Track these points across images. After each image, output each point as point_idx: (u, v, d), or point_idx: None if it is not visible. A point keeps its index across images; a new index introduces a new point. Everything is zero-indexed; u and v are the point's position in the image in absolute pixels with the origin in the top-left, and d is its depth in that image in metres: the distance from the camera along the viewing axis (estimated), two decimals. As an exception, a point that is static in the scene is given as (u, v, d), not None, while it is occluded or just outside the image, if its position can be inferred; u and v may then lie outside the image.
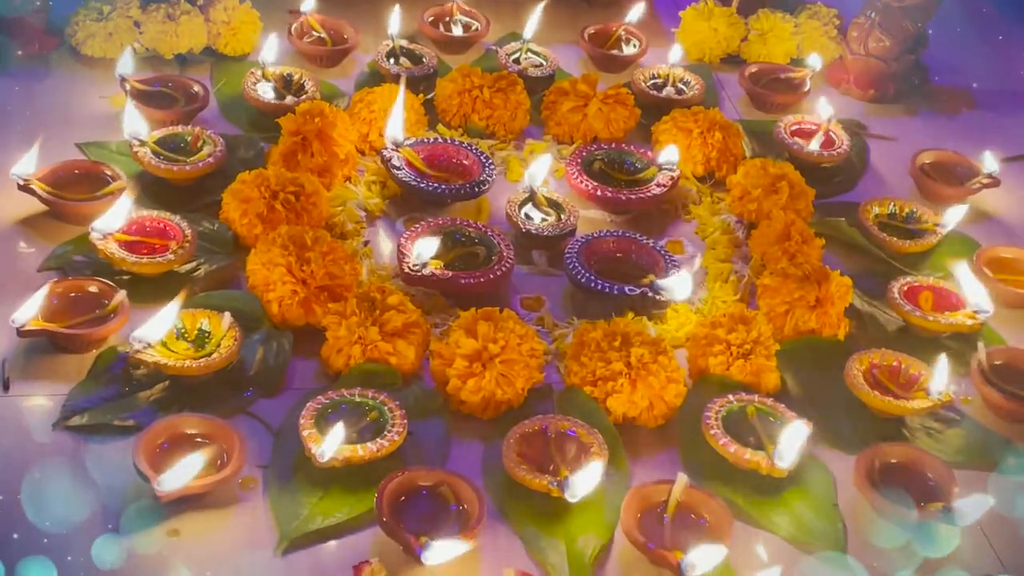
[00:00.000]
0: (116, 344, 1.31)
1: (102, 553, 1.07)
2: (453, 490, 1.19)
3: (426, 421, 1.29)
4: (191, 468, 1.15)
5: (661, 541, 1.17)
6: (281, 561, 1.14)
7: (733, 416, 1.30)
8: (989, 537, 1.24)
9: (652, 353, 1.32)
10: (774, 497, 1.25)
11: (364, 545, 1.16)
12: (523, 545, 1.18)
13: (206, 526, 1.16)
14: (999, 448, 1.34)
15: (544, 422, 1.27)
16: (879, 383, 1.36)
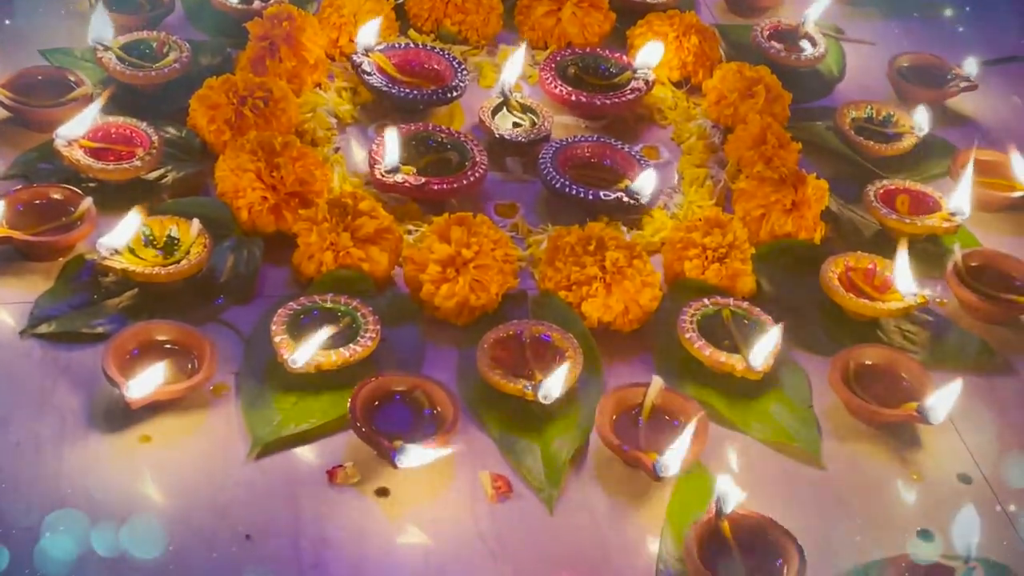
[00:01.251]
0: (83, 252, 1.30)
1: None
2: (427, 395, 1.18)
3: (400, 328, 1.28)
4: (161, 374, 1.14)
5: (636, 443, 1.17)
6: (254, 466, 1.13)
7: (708, 320, 1.30)
8: (965, 440, 1.25)
9: (627, 257, 1.31)
10: (749, 399, 1.25)
11: (338, 449, 1.15)
12: (498, 449, 1.18)
13: (178, 432, 1.15)
14: (974, 349, 1.35)
15: (518, 327, 1.26)
16: (854, 286, 1.36)
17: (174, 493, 1.10)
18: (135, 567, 1.02)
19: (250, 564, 1.04)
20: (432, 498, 1.13)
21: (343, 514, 1.10)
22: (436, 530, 1.10)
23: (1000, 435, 1.26)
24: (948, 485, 1.20)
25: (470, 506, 1.13)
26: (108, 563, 1.02)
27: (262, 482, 1.12)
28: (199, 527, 1.07)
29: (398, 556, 1.07)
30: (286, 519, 1.09)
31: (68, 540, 1.03)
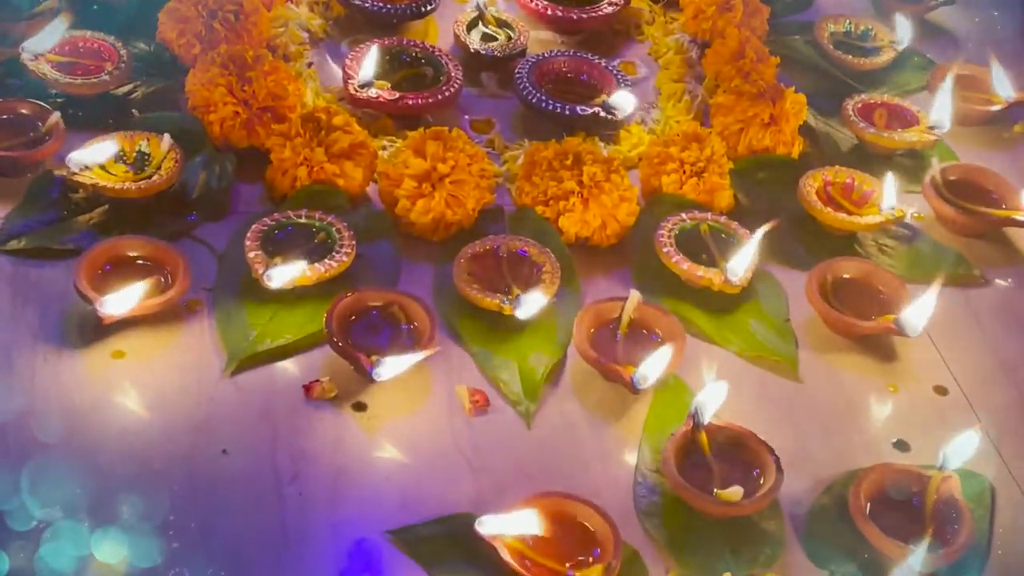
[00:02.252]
0: (53, 168, 1.28)
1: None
2: (403, 309, 1.17)
3: (375, 244, 1.27)
4: (134, 290, 1.12)
5: (613, 357, 1.16)
6: (230, 382, 1.12)
7: (686, 234, 1.29)
8: (942, 352, 1.25)
9: (604, 172, 1.30)
10: (726, 313, 1.25)
11: (314, 365, 1.15)
12: (475, 363, 1.18)
13: (151, 348, 1.14)
14: (951, 262, 1.35)
15: (495, 242, 1.25)
16: (832, 200, 1.35)
17: (149, 409, 1.09)
18: (111, 483, 1.02)
19: (227, 479, 1.04)
20: (409, 412, 1.13)
21: (320, 429, 1.09)
22: (413, 444, 1.10)
23: (976, 347, 1.27)
24: (924, 397, 1.20)
25: (447, 420, 1.12)
26: (82, 479, 1.02)
27: (238, 398, 1.11)
28: (175, 443, 1.06)
29: (376, 469, 1.07)
30: (263, 434, 1.08)
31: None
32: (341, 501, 1.04)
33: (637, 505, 1.07)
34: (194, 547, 0.98)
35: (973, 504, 1.07)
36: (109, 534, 0.97)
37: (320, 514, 1.02)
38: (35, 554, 0.95)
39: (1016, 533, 1.08)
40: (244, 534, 1.00)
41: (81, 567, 0.95)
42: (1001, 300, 1.33)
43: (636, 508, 1.06)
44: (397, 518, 1.02)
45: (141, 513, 0.99)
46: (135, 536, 0.98)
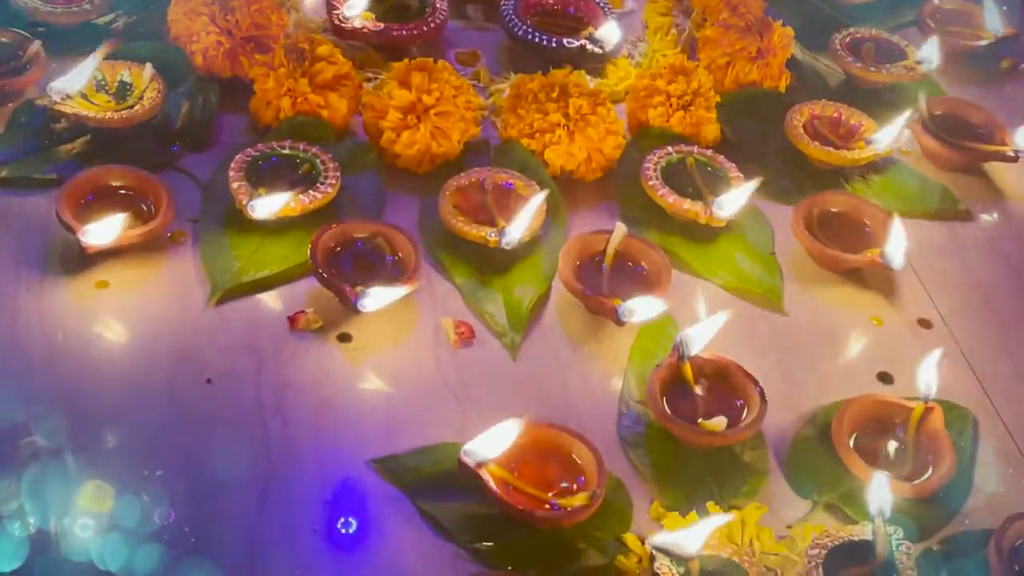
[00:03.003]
0: (34, 97, 1.26)
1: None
2: (388, 241, 1.17)
3: (360, 176, 1.26)
4: (116, 220, 1.12)
5: (599, 289, 1.16)
6: (214, 312, 1.12)
7: (672, 168, 1.28)
8: (925, 285, 1.25)
9: (591, 104, 1.29)
10: (712, 246, 1.25)
11: (299, 296, 1.14)
12: (460, 296, 1.17)
13: (135, 278, 1.13)
14: (937, 196, 1.35)
15: (481, 174, 1.25)
16: (819, 134, 1.35)
17: (132, 338, 1.09)
18: (93, 410, 1.02)
19: (211, 410, 1.04)
20: (394, 344, 1.12)
21: (305, 360, 1.09)
22: (398, 375, 1.10)
23: (960, 281, 1.27)
24: (908, 330, 1.20)
25: (432, 351, 1.12)
26: (66, 407, 1.02)
27: (222, 328, 1.11)
28: (159, 371, 1.06)
29: (360, 400, 1.07)
30: (248, 365, 1.08)
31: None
32: (325, 431, 1.04)
33: (621, 436, 1.07)
34: (178, 474, 0.98)
35: (955, 435, 1.08)
36: (92, 461, 0.97)
37: (304, 443, 1.02)
38: (19, 482, 0.95)
39: (998, 464, 1.09)
40: (228, 462, 1.00)
41: (66, 496, 0.95)
42: (985, 234, 1.33)
43: (620, 439, 1.07)
44: (381, 448, 1.02)
45: (124, 441, 1.00)
46: (118, 463, 0.98)
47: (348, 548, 0.95)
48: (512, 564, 0.94)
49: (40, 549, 0.87)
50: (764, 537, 0.98)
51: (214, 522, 0.95)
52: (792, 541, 0.98)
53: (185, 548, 0.93)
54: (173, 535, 0.94)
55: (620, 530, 0.98)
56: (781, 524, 1.01)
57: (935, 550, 1.00)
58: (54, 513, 0.93)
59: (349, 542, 0.96)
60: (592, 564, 0.96)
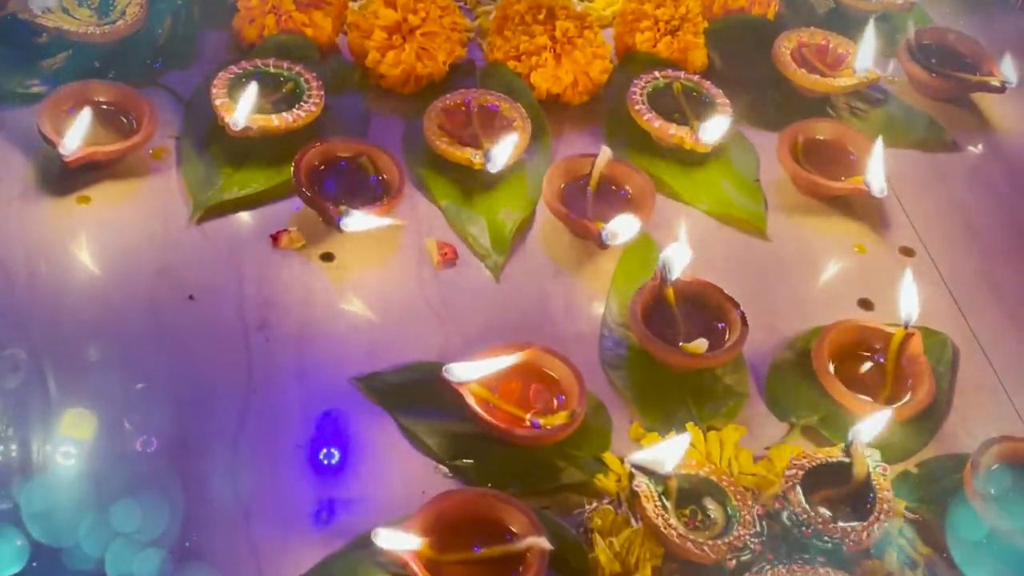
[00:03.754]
0: (16, 11, 1.25)
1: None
2: (372, 161, 1.16)
3: (344, 96, 1.26)
4: (88, 120, 1.11)
5: (583, 212, 1.16)
6: (197, 230, 1.12)
7: (659, 93, 1.28)
8: (909, 213, 1.25)
9: (578, 27, 1.28)
10: (697, 172, 1.25)
11: (282, 214, 1.14)
12: (444, 217, 1.17)
13: (117, 194, 1.13)
14: (922, 126, 1.34)
15: (466, 96, 1.24)
16: (807, 61, 1.34)
17: (114, 253, 1.08)
18: (74, 325, 1.02)
19: (193, 326, 1.04)
20: (377, 264, 1.12)
21: (288, 278, 1.09)
22: (381, 295, 1.10)
23: (943, 210, 1.27)
24: (891, 258, 1.21)
25: (416, 272, 1.12)
26: (47, 322, 1.02)
27: (205, 246, 1.11)
28: (141, 287, 1.06)
29: (343, 319, 1.07)
30: (230, 282, 1.08)
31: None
32: (308, 349, 1.04)
33: (603, 358, 1.07)
34: (160, 389, 0.98)
35: (935, 361, 1.09)
36: (72, 375, 0.98)
37: (286, 360, 1.02)
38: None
39: (976, 391, 1.10)
40: (210, 378, 1.00)
41: (46, 409, 0.95)
42: (970, 165, 1.33)
43: (602, 360, 1.07)
44: (364, 365, 1.03)
45: (105, 356, 1.00)
46: (98, 377, 0.98)
47: (329, 463, 0.96)
48: (492, 481, 0.95)
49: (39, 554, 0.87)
50: (742, 458, 0.99)
51: (195, 437, 0.96)
52: (770, 462, 0.99)
53: (166, 461, 0.94)
54: (155, 450, 0.94)
55: (599, 450, 0.99)
56: (759, 446, 1.01)
57: (912, 473, 1.01)
58: (35, 425, 0.94)
59: (330, 458, 0.96)
60: (571, 482, 0.97)
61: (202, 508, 0.92)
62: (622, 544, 0.91)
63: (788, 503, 0.93)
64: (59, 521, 0.88)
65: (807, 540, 0.91)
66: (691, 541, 0.90)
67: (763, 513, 0.94)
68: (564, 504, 0.96)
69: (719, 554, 0.90)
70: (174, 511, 0.91)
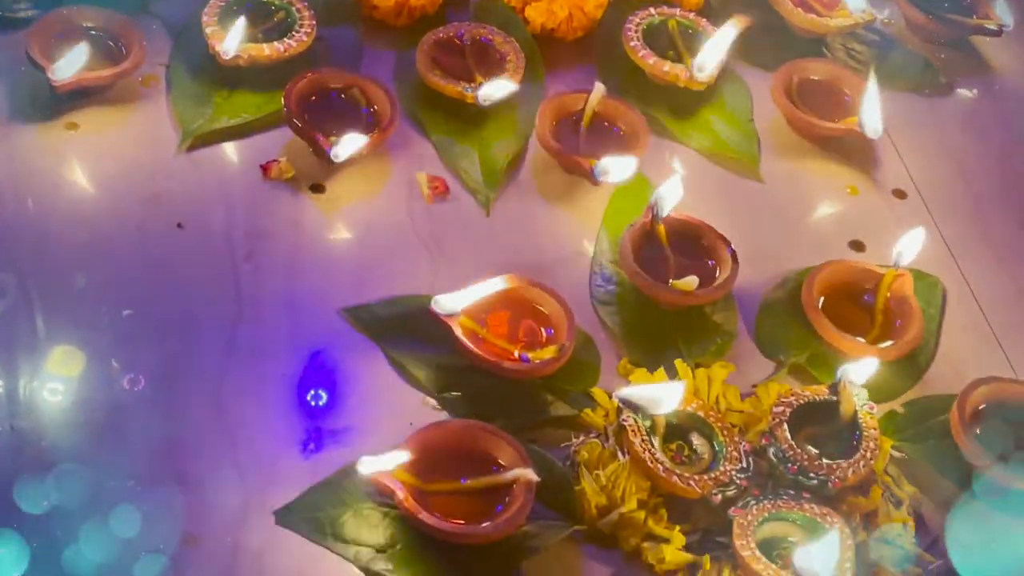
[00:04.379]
0: (2, -65, 1.23)
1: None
2: (364, 92, 1.15)
3: (336, 27, 1.24)
4: (85, 52, 1.10)
5: (575, 148, 1.15)
6: (186, 158, 1.11)
7: (654, 30, 1.26)
8: (903, 156, 1.25)
9: (573, -39, 1.27)
10: (690, 110, 1.24)
11: (272, 145, 1.13)
12: (436, 151, 1.16)
13: (106, 121, 1.12)
14: (918, 68, 1.34)
15: (460, 29, 1.23)
16: (803, 1, 1.33)
17: (102, 180, 1.08)
18: (62, 252, 1.01)
19: (182, 254, 1.03)
20: (368, 196, 1.12)
21: (277, 208, 1.09)
22: (371, 227, 1.09)
23: (937, 153, 1.27)
24: (883, 200, 1.20)
25: (406, 205, 1.11)
26: (34, 248, 1.01)
27: (194, 174, 1.10)
28: (129, 215, 1.05)
29: (332, 250, 1.07)
30: (219, 211, 1.07)
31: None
32: (296, 279, 1.03)
33: (593, 294, 1.07)
34: (147, 317, 0.98)
35: (924, 303, 1.09)
36: (60, 301, 0.97)
37: (275, 290, 1.02)
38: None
39: (964, 333, 1.10)
40: (198, 306, 1.00)
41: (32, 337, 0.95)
42: (965, 108, 1.33)
43: (592, 297, 1.07)
44: (352, 297, 1.02)
45: (92, 282, 0.99)
46: (85, 304, 0.98)
47: (317, 394, 0.96)
48: (479, 414, 0.95)
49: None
50: (730, 395, 0.99)
51: (182, 364, 0.96)
52: (757, 400, 0.99)
53: (152, 388, 0.93)
54: (142, 376, 0.94)
55: (588, 385, 0.99)
56: (747, 384, 1.01)
57: (899, 413, 1.01)
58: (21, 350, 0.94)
59: (318, 388, 0.96)
60: (559, 416, 0.97)
61: (188, 435, 0.92)
62: (608, 477, 0.91)
63: (775, 440, 0.94)
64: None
65: (793, 476, 0.92)
66: (677, 475, 0.90)
67: (749, 450, 0.94)
68: (552, 439, 0.96)
69: (705, 488, 0.90)
70: (159, 438, 0.91)
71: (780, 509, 0.90)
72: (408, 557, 0.87)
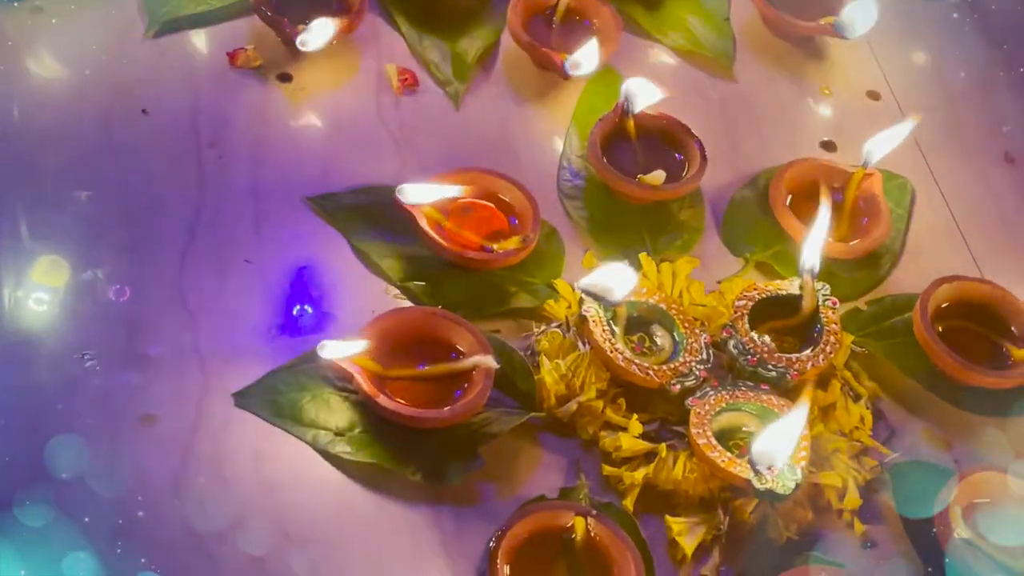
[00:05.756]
0: None
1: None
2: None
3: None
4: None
5: (548, 43, 1.14)
6: (152, 44, 1.09)
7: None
8: (878, 57, 1.24)
9: None
10: (665, 7, 1.22)
11: (240, 33, 1.12)
12: (406, 44, 1.15)
13: (71, 6, 1.10)
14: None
15: (432, -81, 1.21)
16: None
17: (67, 65, 1.06)
18: (25, 135, 1.00)
19: (146, 137, 1.02)
20: (336, 86, 1.11)
21: (243, 96, 1.08)
22: (338, 117, 1.08)
23: (913, 55, 1.26)
24: (857, 100, 1.19)
25: (374, 96, 1.10)
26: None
27: (160, 61, 1.08)
28: (93, 99, 1.04)
29: (298, 139, 1.06)
30: (184, 98, 1.06)
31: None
32: (261, 167, 1.03)
33: (560, 188, 1.06)
34: (109, 200, 0.98)
35: (893, 203, 1.08)
36: (21, 181, 0.97)
37: (239, 177, 1.01)
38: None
39: (932, 233, 1.10)
40: (161, 192, 0.99)
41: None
42: (942, 11, 1.31)
43: (559, 191, 1.06)
44: (318, 187, 1.02)
45: (55, 165, 0.99)
46: (48, 185, 0.97)
47: (279, 280, 0.96)
48: (442, 303, 0.95)
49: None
50: (694, 290, 0.99)
51: (143, 248, 0.95)
52: (720, 295, 0.99)
53: (114, 271, 0.93)
54: (103, 259, 0.94)
55: (551, 276, 0.99)
56: (712, 280, 1.01)
57: (863, 310, 1.01)
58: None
59: (280, 275, 0.96)
60: (521, 306, 0.97)
61: (148, 318, 0.91)
62: (568, 367, 0.91)
63: (735, 332, 0.94)
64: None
65: (752, 368, 0.92)
66: (636, 365, 0.90)
67: (710, 342, 0.94)
68: (515, 330, 0.96)
69: (663, 378, 0.90)
70: (118, 321, 0.91)
71: (738, 400, 0.90)
72: (367, 440, 0.87)
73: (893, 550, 0.88)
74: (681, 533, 0.86)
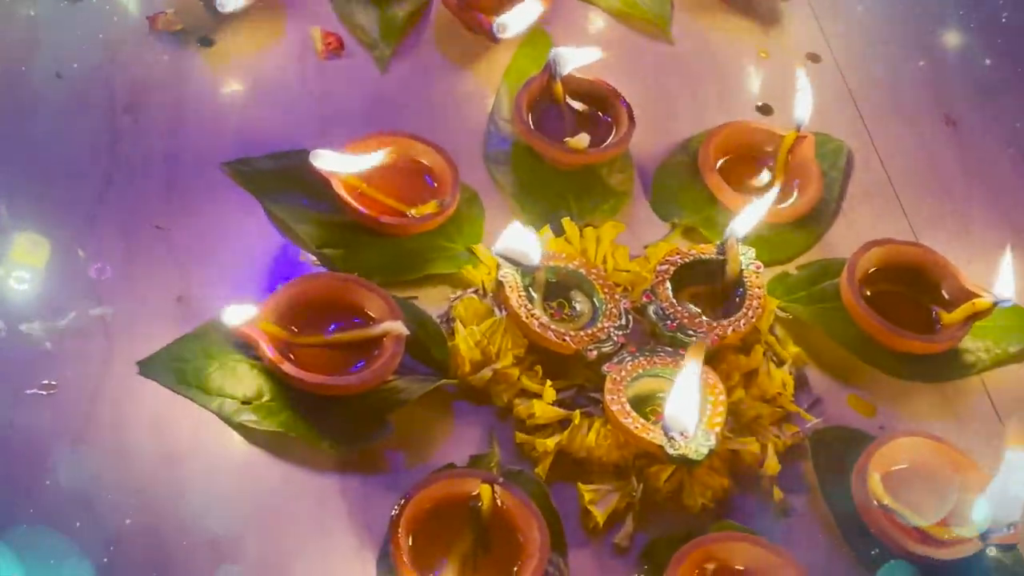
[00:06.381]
0: None
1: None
2: (257, -57, 1.11)
3: None
4: None
5: (477, 5, 1.12)
6: (68, 6, 1.07)
7: None
8: (817, 15, 1.21)
9: None
10: (602, -31, 1.20)
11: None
12: (332, 8, 1.12)
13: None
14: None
15: None
16: None
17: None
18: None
19: (60, 102, 1.00)
20: (258, 51, 1.08)
21: (162, 60, 1.05)
22: (259, 82, 1.06)
23: (857, 19, 1.23)
24: (796, 63, 1.17)
25: (298, 62, 1.08)
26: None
27: (76, 21, 1.07)
28: (6, 63, 1.02)
29: (217, 104, 1.04)
30: (101, 61, 1.04)
31: None
32: (178, 132, 1.01)
33: (487, 153, 1.04)
34: (18, 163, 0.96)
35: (828, 167, 1.06)
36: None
37: (154, 142, 0.99)
38: None
39: (867, 197, 1.07)
40: (72, 156, 0.97)
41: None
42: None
43: (485, 156, 1.04)
44: (235, 152, 0.99)
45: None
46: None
47: (190, 246, 0.93)
48: (359, 270, 0.92)
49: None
50: (618, 255, 0.97)
51: (50, 213, 0.93)
52: (645, 260, 0.96)
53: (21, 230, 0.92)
54: (9, 221, 0.92)
55: (472, 242, 0.97)
56: (639, 245, 0.99)
57: (791, 274, 0.99)
58: None
59: (191, 241, 0.94)
60: (440, 272, 0.95)
61: (51, 285, 0.89)
62: (483, 333, 0.89)
63: (656, 297, 0.92)
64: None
65: (671, 334, 0.90)
66: (552, 330, 0.88)
67: (630, 307, 0.92)
68: (434, 297, 0.94)
69: (580, 344, 0.88)
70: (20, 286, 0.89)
71: (655, 366, 0.88)
72: (274, 408, 0.85)
73: (812, 517, 0.86)
74: (593, 501, 0.84)
